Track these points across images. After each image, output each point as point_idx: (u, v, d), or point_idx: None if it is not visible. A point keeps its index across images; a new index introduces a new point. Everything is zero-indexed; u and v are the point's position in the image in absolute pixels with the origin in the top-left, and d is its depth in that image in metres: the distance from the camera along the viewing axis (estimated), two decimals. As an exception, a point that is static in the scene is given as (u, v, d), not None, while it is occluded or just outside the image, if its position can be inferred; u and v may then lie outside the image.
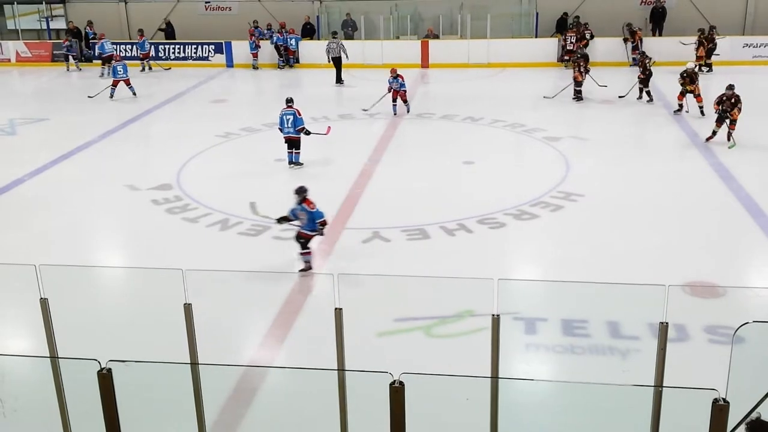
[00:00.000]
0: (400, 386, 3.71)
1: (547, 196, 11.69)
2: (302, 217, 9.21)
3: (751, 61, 22.47)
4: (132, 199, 12.21)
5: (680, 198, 11.63)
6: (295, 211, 9.29)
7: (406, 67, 23.26)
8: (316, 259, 9.60)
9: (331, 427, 4.69)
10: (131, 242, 10.82)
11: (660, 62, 22.29)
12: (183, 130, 17.00)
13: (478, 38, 23.87)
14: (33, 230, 11.02)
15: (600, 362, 7.29)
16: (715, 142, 14.06)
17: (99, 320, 8.16)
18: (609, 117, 17.24)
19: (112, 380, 4.03)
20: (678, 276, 8.68)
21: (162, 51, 25.74)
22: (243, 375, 7.03)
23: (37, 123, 17.92)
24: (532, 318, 7.86)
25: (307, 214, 9.15)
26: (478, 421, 4.55)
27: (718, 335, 7.52)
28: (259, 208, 9.46)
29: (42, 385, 4.99)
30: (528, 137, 15.36)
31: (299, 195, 9.22)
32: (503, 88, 21.24)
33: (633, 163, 13.59)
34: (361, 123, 16.88)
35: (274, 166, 13.75)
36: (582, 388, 5.96)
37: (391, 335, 7.78)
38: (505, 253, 10.00)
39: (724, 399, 3.45)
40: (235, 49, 25.21)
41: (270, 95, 21.69)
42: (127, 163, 14.49)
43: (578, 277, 8.46)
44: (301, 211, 9.20)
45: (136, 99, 20.04)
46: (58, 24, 27.86)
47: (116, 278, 9.69)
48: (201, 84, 22.64)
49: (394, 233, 10.39)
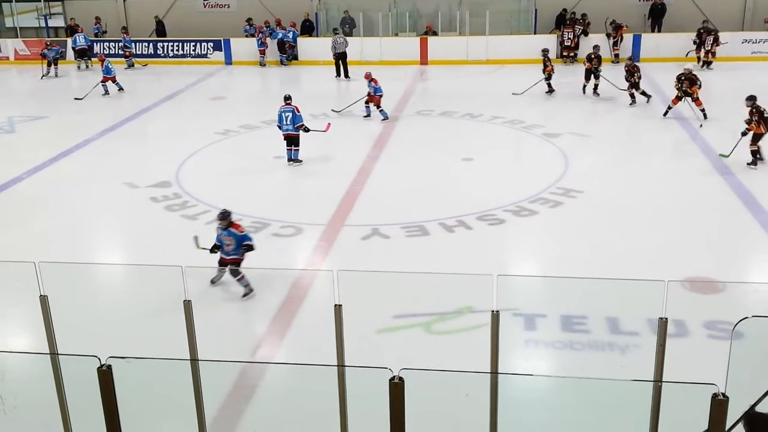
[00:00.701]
0: (399, 382, 3.71)
1: (546, 193, 11.69)
2: (228, 242, 8.72)
3: (750, 57, 22.46)
4: (131, 197, 12.21)
5: (680, 196, 11.61)
6: (220, 236, 8.78)
7: (404, 64, 23.38)
8: (315, 256, 9.62)
9: (331, 423, 4.69)
10: (130, 240, 10.83)
11: (659, 58, 22.41)
12: (182, 128, 16.99)
13: (477, 35, 23.86)
14: (32, 228, 11.02)
15: (599, 358, 7.30)
16: (713, 140, 14.06)
17: (99, 317, 8.16)
18: (608, 114, 17.25)
19: (112, 377, 4.03)
20: (677, 273, 8.69)
21: (161, 48, 25.72)
22: (243, 371, 7.05)
23: (36, 121, 17.91)
24: (532, 314, 7.86)
25: (235, 238, 8.68)
26: (477, 416, 4.56)
27: (717, 330, 7.53)
28: (200, 241, 8.95)
29: (42, 382, 4.99)
30: (527, 134, 15.36)
31: (224, 220, 8.74)
32: (502, 84, 21.21)
33: (632, 160, 13.59)
34: (360, 120, 16.87)
35: (273, 164, 13.75)
36: (581, 384, 5.98)
37: (390, 332, 7.79)
38: (504, 249, 10.00)
39: (723, 394, 3.45)
40: (234, 47, 25.20)
41: (269, 92, 21.69)
42: (125, 160, 14.48)
43: (577, 274, 8.48)
44: (228, 236, 8.70)
45: (134, 96, 20.04)
46: (56, 22, 27.85)
47: (116, 275, 9.69)
48: (200, 81, 22.62)
49: (394, 230, 10.39)
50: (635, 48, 22.99)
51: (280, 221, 10.81)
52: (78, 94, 19.97)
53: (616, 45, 22.60)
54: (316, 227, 10.59)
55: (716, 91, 15.06)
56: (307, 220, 10.83)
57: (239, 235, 8.71)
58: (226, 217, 8.76)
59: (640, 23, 24.07)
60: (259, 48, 24.34)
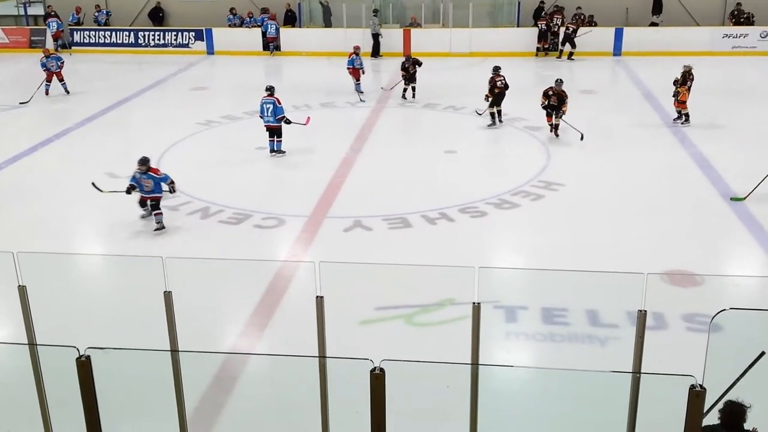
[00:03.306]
0: (380, 373, 3.71)
1: (528, 186, 11.74)
2: (147, 184, 10.13)
3: (730, 52, 22.64)
4: (112, 187, 12.08)
5: (660, 190, 11.70)
6: (138, 179, 10.16)
7: (388, 56, 23.34)
8: (297, 248, 9.60)
9: (312, 414, 4.69)
10: (111, 230, 10.73)
11: (642, 52, 22.57)
12: (163, 118, 16.87)
13: (461, 27, 23.87)
14: (11, 218, 10.91)
15: (579, 350, 7.35)
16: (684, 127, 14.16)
17: (79, 308, 8.10)
18: (589, 106, 17.30)
19: (90, 367, 4.00)
20: (657, 265, 8.75)
21: (141, 38, 25.50)
22: (224, 362, 7.03)
23: (15, 110, 17.70)
24: (513, 306, 7.90)
25: (153, 180, 10.11)
26: (458, 407, 4.57)
27: (695, 323, 7.60)
28: (99, 185, 10.35)
29: (20, 373, 4.95)
30: (509, 127, 15.38)
31: (144, 165, 10.10)
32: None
33: (613, 152, 13.66)
34: (342, 112, 16.83)
35: (256, 155, 13.69)
36: (561, 375, 6.01)
37: (372, 323, 7.79)
38: (485, 241, 10.03)
39: (701, 385, 3.48)
40: (216, 36, 25.03)
41: (251, 83, 21.55)
42: (106, 150, 14.36)
43: (558, 266, 8.53)
44: (147, 179, 10.10)
45: (114, 86, 19.84)
46: (36, 10, 27.52)
47: (96, 266, 9.63)
48: (181, 71, 22.46)
49: (376, 222, 10.40)
50: (617, 41, 23.12)
51: (262, 212, 10.78)
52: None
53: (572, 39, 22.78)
54: (299, 219, 10.57)
55: (696, 86, 15.13)
56: (289, 212, 10.81)
57: (158, 178, 10.18)
58: (145, 163, 10.16)
59: (622, 17, 24.19)
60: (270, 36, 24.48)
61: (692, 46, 22.08)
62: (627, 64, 22.08)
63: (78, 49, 25.48)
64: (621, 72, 21.45)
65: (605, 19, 23.80)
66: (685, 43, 22.27)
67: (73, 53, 24.84)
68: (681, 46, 22.00)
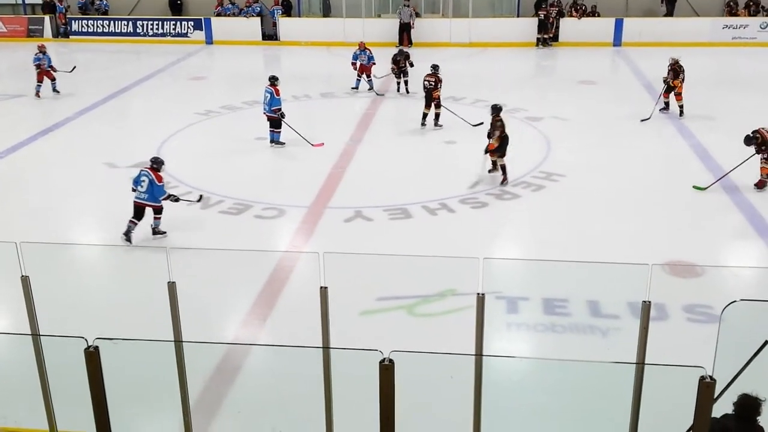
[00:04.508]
0: (390, 364, 3.70)
1: (529, 176, 11.73)
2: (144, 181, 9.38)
3: (731, 43, 22.61)
4: (111, 177, 12.08)
5: (661, 180, 11.70)
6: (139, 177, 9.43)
7: (387, 45, 23.22)
8: (298, 238, 9.59)
9: (316, 405, 4.70)
10: (113, 221, 10.69)
11: (641, 43, 22.53)
12: (162, 108, 16.83)
13: (460, 17, 23.80)
14: (11, 208, 10.89)
15: (580, 341, 7.36)
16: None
17: (82, 299, 8.09)
18: (590, 97, 17.29)
19: (99, 358, 3.99)
20: (657, 256, 8.75)
21: (140, 27, 25.40)
22: (227, 353, 7.03)
23: (13, 99, 17.64)
24: (514, 297, 7.91)
25: (150, 184, 9.33)
26: (461, 397, 4.58)
27: (696, 314, 7.61)
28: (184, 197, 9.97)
29: (25, 364, 4.96)
30: (509, 117, 15.29)
31: (156, 164, 9.46)
32: (485, 67, 21.21)
33: (614, 143, 13.65)
34: (343, 102, 16.79)
35: (255, 145, 13.66)
36: (563, 366, 6.03)
37: (374, 314, 7.80)
38: (486, 232, 10.02)
39: (710, 376, 3.48)
40: (215, 26, 24.94)
41: (250, 73, 21.50)
42: (105, 140, 14.32)
43: (559, 257, 8.53)
44: (145, 177, 9.38)
45: (113, 76, 19.76)
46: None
47: (99, 256, 9.61)
48: (180, 61, 22.39)
49: (377, 213, 10.39)
50: (617, 32, 23.09)
51: (263, 203, 10.76)
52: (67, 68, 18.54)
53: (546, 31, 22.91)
54: (299, 209, 10.56)
55: (695, 76, 15.12)
56: (289, 202, 10.79)
57: (157, 186, 9.34)
58: (158, 162, 9.51)
59: (622, 7, 24.15)
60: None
61: (692, 37, 22.08)
62: (627, 54, 22.04)
63: (77, 38, 25.41)
64: (621, 62, 21.42)
65: (606, 10, 23.76)
66: (685, 34, 22.24)
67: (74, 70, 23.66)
68: (681, 37, 21.96)
